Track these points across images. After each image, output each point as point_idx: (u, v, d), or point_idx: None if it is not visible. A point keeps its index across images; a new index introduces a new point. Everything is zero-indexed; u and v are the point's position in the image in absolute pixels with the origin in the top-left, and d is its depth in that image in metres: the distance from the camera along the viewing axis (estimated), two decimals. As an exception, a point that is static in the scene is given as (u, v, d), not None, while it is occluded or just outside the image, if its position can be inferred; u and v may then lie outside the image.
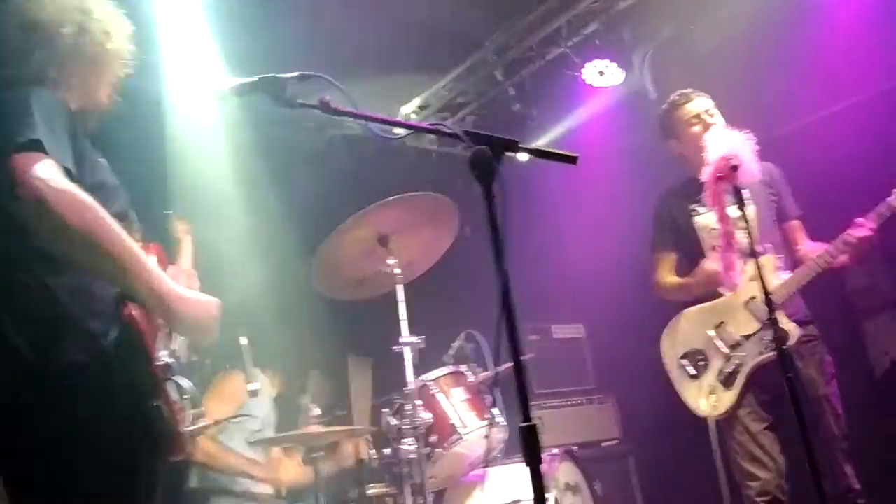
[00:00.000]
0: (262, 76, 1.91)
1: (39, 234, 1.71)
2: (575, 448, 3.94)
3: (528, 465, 1.58)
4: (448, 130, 1.84)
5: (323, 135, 5.07)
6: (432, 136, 5.70)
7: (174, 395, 1.84)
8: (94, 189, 1.79)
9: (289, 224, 4.80)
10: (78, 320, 1.74)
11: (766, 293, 2.55)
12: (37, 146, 1.72)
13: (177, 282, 1.88)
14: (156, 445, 1.79)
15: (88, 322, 1.74)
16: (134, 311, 1.76)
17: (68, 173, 1.75)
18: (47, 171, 1.69)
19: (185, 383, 1.87)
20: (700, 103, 3.43)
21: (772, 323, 2.55)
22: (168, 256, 2.16)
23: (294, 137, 4.75)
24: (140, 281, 1.76)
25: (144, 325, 1.78)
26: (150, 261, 1.84)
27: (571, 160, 1.88)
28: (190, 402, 1.91)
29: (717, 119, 3.38)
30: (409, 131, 1.96)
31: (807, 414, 2.45)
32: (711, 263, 3.22)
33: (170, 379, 1.83)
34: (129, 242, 1.76)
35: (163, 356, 1.84)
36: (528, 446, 1.57)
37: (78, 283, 1.77)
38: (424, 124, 1.94)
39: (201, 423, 1.96)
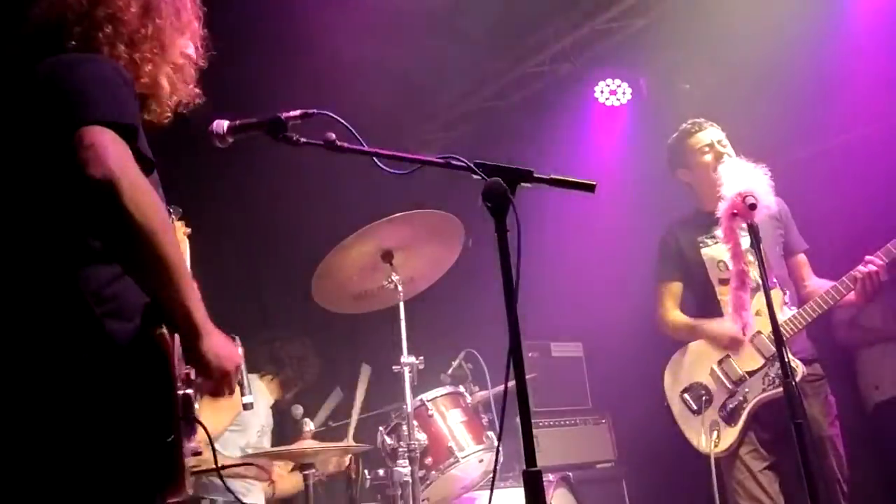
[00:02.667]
0: (263, 116, 1.85)
1: (100, 220, 1.55)
2: (570, 475, 3.88)
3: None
4: (459, 164, 1.79)
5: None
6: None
7: (196, 427, 1.68)
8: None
9: (292, 236, 4.78)
10: (97, 319, 1.56)
11: (775, 327, 2.50)
12: (126, 131, 1.59)
13: None
14: (160, 485, 1.58)
15: (107, 323, 1.57)
16: (166, 333, 1.59)
17: (149, 166, 1.63)
18: (125, 157, 1.56)
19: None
20: (712, 133, 3.39)
21: (779, 357, 2.49)
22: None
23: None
24: (181, 299, 1.61)
25: (171, 350, 1.59)
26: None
27: (589, 188, 1.84)
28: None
29: (729, 150, 3.34)
30: (419, 166, 1.88)
31: (812, 454, 2.40)
32: (732, 326, 3.14)
33: (190, 417, 1.64)
34: (182, 256, 1.64)
35: (183, 387, 1.64)
36: (532, 494, 1.53)
37: (104, 279, 1.61)
38: (435, 158, 1.87)
39: (203, 466, 1.77)
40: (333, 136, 1.84)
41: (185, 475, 1.60)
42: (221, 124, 1.88)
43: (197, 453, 1.72)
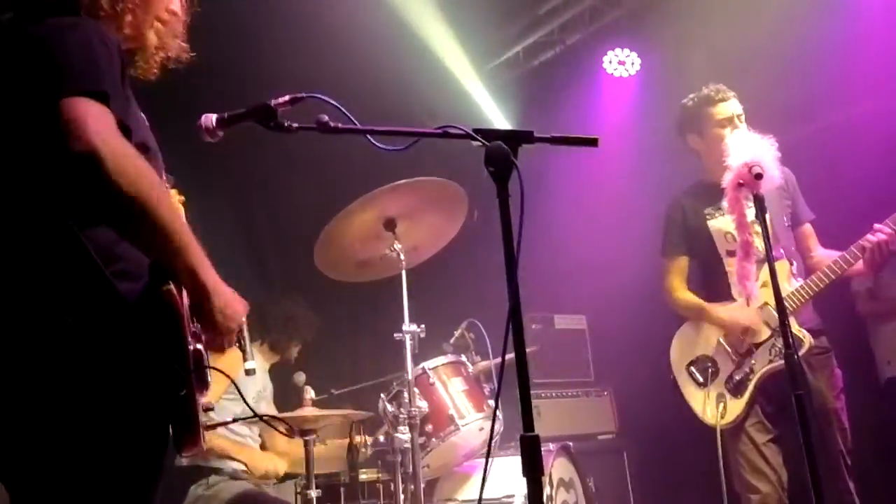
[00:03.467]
0: (252, 105, 1.81)
1: (87, 193, 1.54)
2: (570, 444, 3.89)
3: (526, 476, 1.53)
4: (458, 132, 1.77)
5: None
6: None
7: (208, 381, 1.68)
8: (138, 150, 1.62)
9: (294, 203, 4.77)
10: (107, 280, 1.56)
11: (778, 298, 2.47)
12: (102, 98, 1.56)
13: None
14: (174, 437, 1.61)
15: (117, 283, 1.57)
16: (174, 289, 1.59)
17: (127, 133, 1.61)
18: (106, 128, 1.53)
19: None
20: (733, 106, 3.31)
21: (781, 328, 2.47)
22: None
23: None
24: (184, 260, 1.60)
25: (181, 307, 1.60)
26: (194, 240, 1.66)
27: (592, 143, 1.82)
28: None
29: (743, 127, 3.28)
30: (417, 139, 1.85)
31: (813, 427, 2.40)
32: (743, 316, 3.15)
33: (203, 367, 1.65)
34: (179, 217, 1.63)
35: (193, 342, 1.65)
36: (529, 459, 1.52)
37: (109, 240, 1.60)
38: (432, 130, 1.84)
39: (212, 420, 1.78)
40: (326, 117, 1.81)
41: (199, 429, 1.62)
42: (210, 118, 1.85)
43: (208, 409, 1.75)
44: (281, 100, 1.82)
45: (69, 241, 1.58)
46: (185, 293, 1.65)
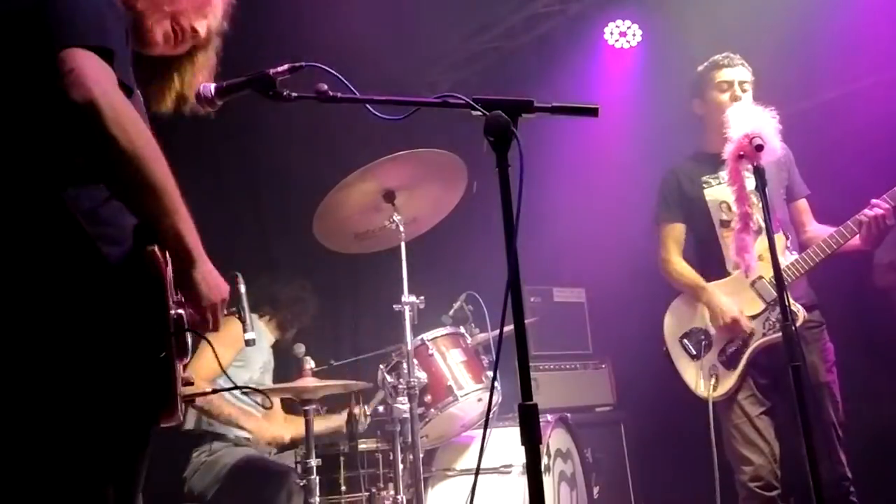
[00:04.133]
0: (251, 74, 1.80)
1: (82, 145, 1.53)
2: (568, 415, 3.92)
3: (525, 445, 1.54)
4: (458, 101, 1.76)
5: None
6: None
7: (188, 350, 1.68)
8: None
9: (294, 174, 4.75)
10: (91, 241, 1.54)
11: (777, 271, 2.47)
12: (107, 56, 1.55)
13: None
14: (154, 404, 1.58)
15: (100, 245, 1.55)
16: (157, 251, 1.58)
17: (129, 92, 1.60)
18: (107, 80, 1.52)
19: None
20: (739, 72, 3.31)
21: (780, 301, 2.48)
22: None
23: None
24: (171, 222, 1.59)
25: (164, 269, 1.58)
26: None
27: (592, 112, 1.80)
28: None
29: (747, 96, 3.27)
30: (416, 108, 1.84)
31: (807, 397, 2.41)
32: (732, 307, 3.16)
33: (185, 332, 1.63)
34: (172, 180, 1.61)
35: (175, 308, 1.63)
36: (528, 428, 1.54)
37: (94, 203, 1.58)
38: (431, 99, 1.83)
39: (192, 389, 1.78)
40: (325, 86, 1.80)
41: (177, 398, 1.60)
42: (209, 87, 1.84)
43: (189, 383, 1.72)
44: (280, 68, 1.81)
45: (52, 203, 1.56)
46: (169, 261, 1.63)
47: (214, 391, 2.46)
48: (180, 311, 1.63)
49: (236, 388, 2.14)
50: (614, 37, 5.07)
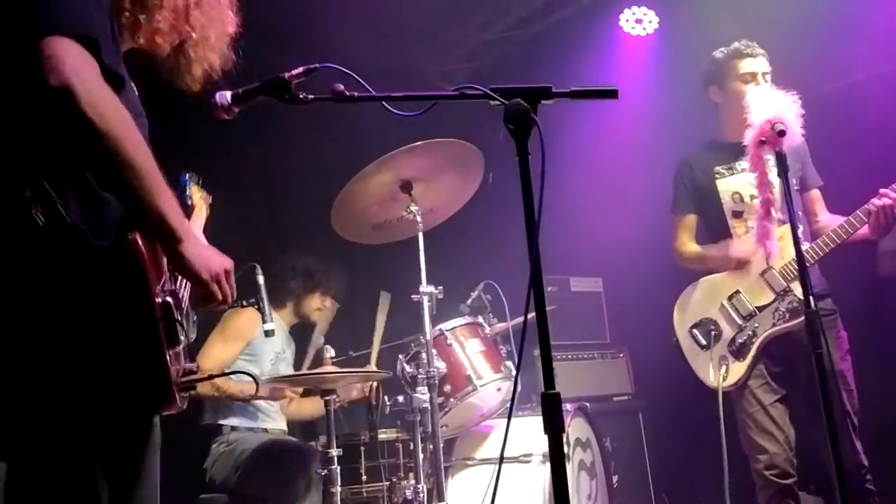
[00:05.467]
0: (266, 79, 1.80)
1: (62, 129, 1.54)
2: (587, 404, 3.92)
3: (548, 434, 1.54)
4: (475, 91, 1.75)
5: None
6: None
7: (179, 338, 1.67)
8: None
9: (313, 165, 4.75)
10: (75, 233, 1.55)
11: (800, 256, 2.45)
12: (89, 45, 1.56)
13: None
14: (147, 392, 1.59)
15: (86, 238, 1.55)
16: (139, 238, 1.59)
17: (119, 81, 1.61)
18: (84, 66, 1.53)
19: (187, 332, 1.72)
20: (760, 63, 3.29)
21: (802, 287, 2.45)
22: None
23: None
24: (153, 202, 1.60)
25: (147, 254, 1.59)
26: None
27: (612, 94, 1.79)
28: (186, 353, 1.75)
29: (767, 86, 3.24)
30: (433, 102, 1.83)
31: (832, 385, 2.40)
32: (741, 248, 3.15)
33: (172, 320, 1.63)
34: (152, 162, 1.62)
35: (162, 295, 1.63)
36: (551, 416, 1.54)
37: (79, 194, 1.58)
38: (449, 92, 1.82)
39: (193, 376, 1.72)
40: (341, 86, 1.79)
41: (172, 385, 1.61)
42: (225, 95, 1.84)
43: (191, 372, 1.73)
44: (294, 72, 1.81)
45: (35, 195, 1.55)
46: (158, 248, 1.64)
47: (216, 375, 2.47)
48: (168, 298, 1.63)
49: (250, 376, 2.14)
50: (630, 24, 5.03)
